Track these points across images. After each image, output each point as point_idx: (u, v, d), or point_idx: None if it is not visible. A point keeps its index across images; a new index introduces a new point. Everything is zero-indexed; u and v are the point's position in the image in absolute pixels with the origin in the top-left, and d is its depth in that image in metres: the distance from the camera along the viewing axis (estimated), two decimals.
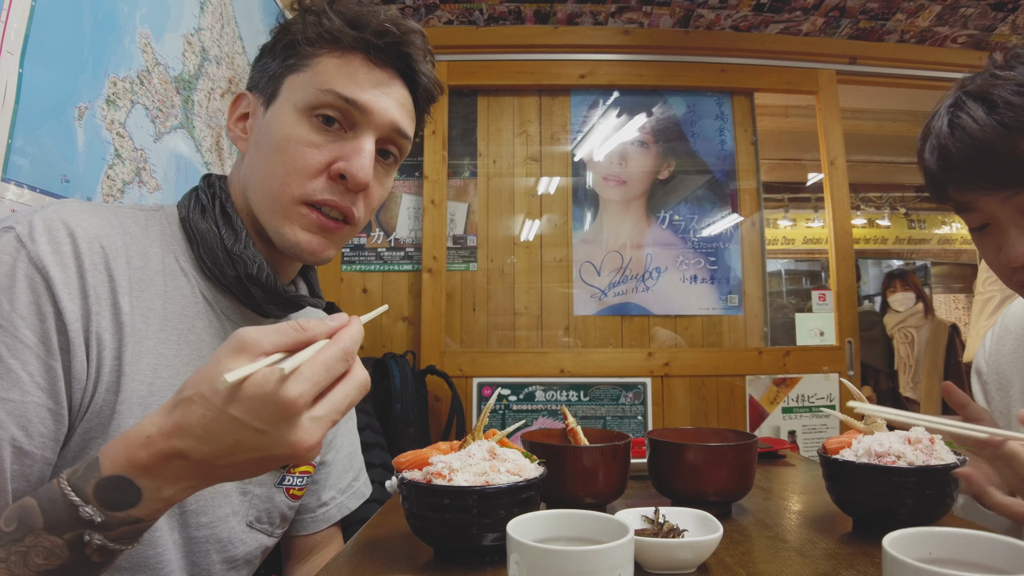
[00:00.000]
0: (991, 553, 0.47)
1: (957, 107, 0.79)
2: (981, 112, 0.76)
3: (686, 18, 2.48)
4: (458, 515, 0.62)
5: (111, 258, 0.65)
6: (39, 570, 0.49)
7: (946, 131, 0.79)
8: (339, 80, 0.71)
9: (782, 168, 4.61)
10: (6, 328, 0.57)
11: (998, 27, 2.48)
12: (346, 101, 0.71)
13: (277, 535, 0.82)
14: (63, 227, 0.62)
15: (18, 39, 0.93)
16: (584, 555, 0.48)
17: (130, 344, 0.64)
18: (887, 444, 0.73)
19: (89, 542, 0.49)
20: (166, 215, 0.75)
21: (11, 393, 0.56)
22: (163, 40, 1.31)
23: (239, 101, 0.78)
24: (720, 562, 0.65)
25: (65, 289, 0.60)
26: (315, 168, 0.71)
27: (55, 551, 0.49)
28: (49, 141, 0.99)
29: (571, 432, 0.90)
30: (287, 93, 0.72)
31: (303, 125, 0.71)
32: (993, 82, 0.77)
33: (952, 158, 0.78)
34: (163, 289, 0.69)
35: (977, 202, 0.79)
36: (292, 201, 0.71)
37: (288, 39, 0.74)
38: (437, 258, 2.42)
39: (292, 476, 0.81)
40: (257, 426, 0.47)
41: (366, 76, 0.72)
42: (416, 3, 2.36)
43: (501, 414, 2.31)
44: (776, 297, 4.89)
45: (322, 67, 0.72)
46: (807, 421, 2.42)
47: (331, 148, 0.71)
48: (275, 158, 0.71)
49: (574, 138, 2.59)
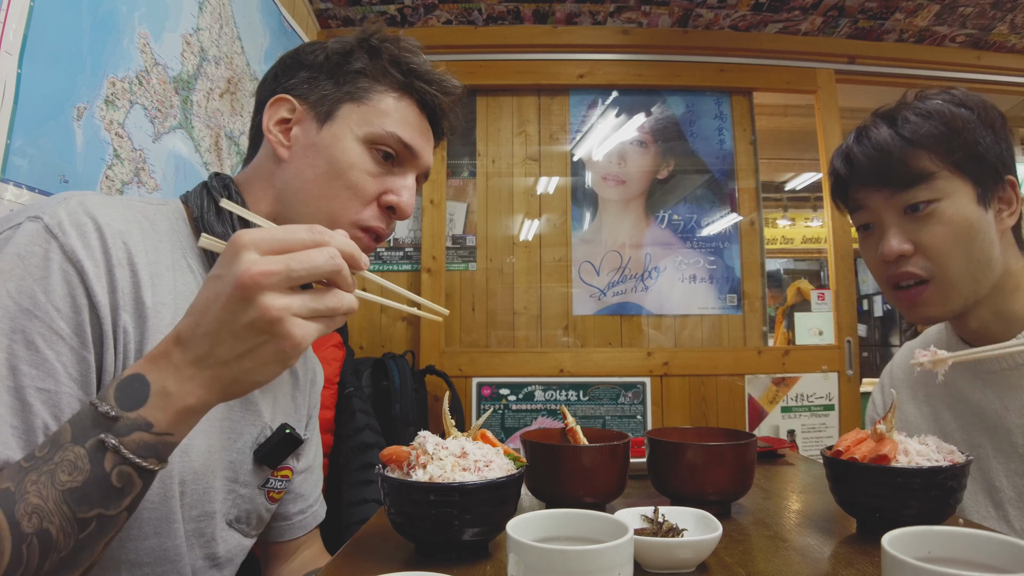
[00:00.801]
0: (991, 552, 0.47)
1: (866, 124, 0.94)
2: (884, 127, 0.91)
3: (685, 18, 2.48)
4: (437, 511, 0.62)
5: (133, 253, 0.66)
6: (64, 487, 0.49)
7: (852, 138, 0.95)
8: (400, 124, 0.79)
9: (781, 168, 4.61)
10: (42, 319, 0.57)
11: (996, 26, 2.48)
12: (405, 146, 0.80)
13: (252, 536, 0.83)
14: (90, 221, 0.63)
15: (17, 39, 0.93)
16: (583, 555, 0.48)
17: (150, 339, 0.65)
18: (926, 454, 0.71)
19: (107, 446, 0.50)
20: (172, 210, 0.76)
21: (46, 383, 0.57)
22: (162, 40, 1.31)
23: (279, 104, 0.79)
24: (719, 561, 0.65)
25: (98, 283, 0.61)
26: (371, 197, 0.78)
27: (78, 464, 0.50)
28: (48, 141, 0.99)
29: (570, 432, 0.90)
30: (346, 120, 0.78)
31: (366, 156, 0.78)
32: (899, 107, 0.92)
33: (855, 160, 0.92)
34: (172, 285, 0.70)
35: (867, 199, 0.93)
36: (348, 223, 0.77)
37: (352, 68, 0.79)
38: (436, 258, 2.42)
39: (274, 479, 0.82)
40: (216, 272, 0.51)
41: (417, 123, 0.82)
42: (415, 3, 2.36)
43: (501, 414, 2.32)
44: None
45: (384, 106, 0.79)
46: (806, 420, 2.42)
47: (384, 180, 0.79)
48: (336, 181, 0.76)
49: (573, 138, 2.59)
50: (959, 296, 0.89)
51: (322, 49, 0.81)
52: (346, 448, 1.72)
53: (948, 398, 0.98)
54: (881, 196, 0.90)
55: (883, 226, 0.91)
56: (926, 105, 0.89)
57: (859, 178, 0.92)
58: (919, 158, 0.87)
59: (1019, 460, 0.87)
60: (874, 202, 0.92)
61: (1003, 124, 0.89)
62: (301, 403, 0.91)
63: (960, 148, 0.86)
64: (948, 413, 0.98)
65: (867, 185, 0.92)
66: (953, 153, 0.86)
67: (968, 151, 0.86)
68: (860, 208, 0.95)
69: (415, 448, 0.67)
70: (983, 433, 0.92)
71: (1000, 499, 0.89)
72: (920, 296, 0.90)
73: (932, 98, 0.90)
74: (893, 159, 0.88)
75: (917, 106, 0.90)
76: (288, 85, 0.80)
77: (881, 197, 0.90)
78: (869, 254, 0.96)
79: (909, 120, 0.88)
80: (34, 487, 0.49)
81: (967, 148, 0.86)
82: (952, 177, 0.87)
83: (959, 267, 0.87)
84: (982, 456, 0.92)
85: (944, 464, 0.69)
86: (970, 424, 0.94)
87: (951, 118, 0.87)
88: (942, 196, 0.87)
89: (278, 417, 0.83)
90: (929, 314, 0.92)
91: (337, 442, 1.75)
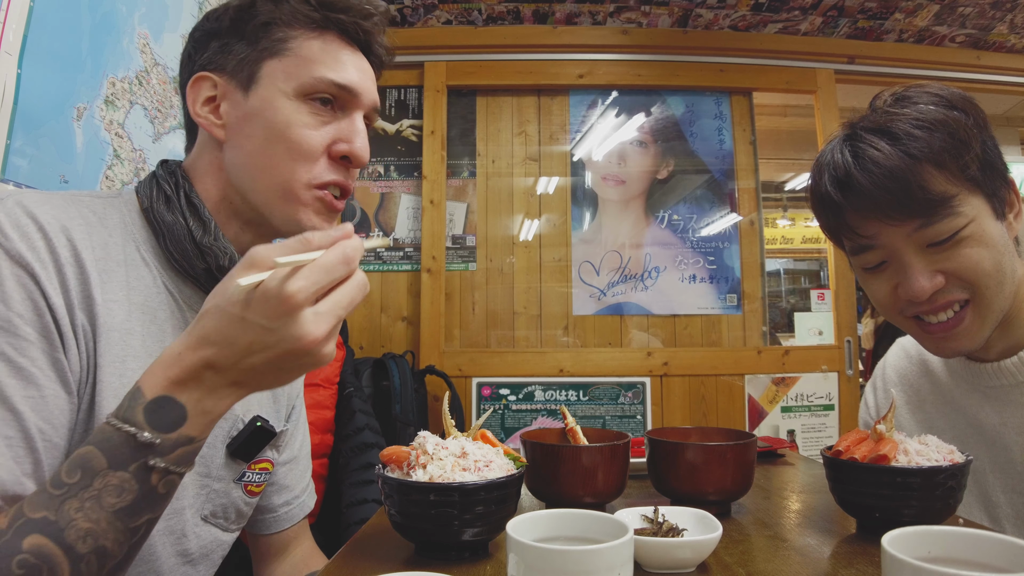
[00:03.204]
0: (990, 552, 0.47)
1: (855, 140, 0.80)
2: (885, 144, 0.76)
3: (684, 18, 2.48)
4: (437, 511, 0.62)
5: (79, 249, 0.64)
6: (113, 509, 0.51)
7: (850, 160, 0.78)
8: (329, 66, 0.73)
9: (781, 168, 4.61)
10: (7, 328, 0.57)
11: (996, 26, 2.49)
12: (341, 88, 0.73)
13: (233, 530, 0.82)
14: (31, 221, 0.61)
15: (16, 39, 0.93)
16: (583, 554, 0.48)
17: (102, 335, 0.64)
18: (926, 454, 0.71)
19: (154, 467, 0.52)
20: (124, 202, 0.73)
21: (29, 390, 0.57)
22: (162, 40, 1.31)
23: (200, 83, 0.74)
24: (719, 561, 0.65)
25: (50, 284, 0.60)
26: (318, 151, 0.73)
27: (125, 486, 0.52)
28: (48, 141, 0.99)
29: (570, 432, 0.90)
30: (270, 79, 0.72)
31: (301, 110, 0.72)
32: (889, 118, 0.78)
33: (859, 188, 0.77)
34: (125, 280, 0.68)
35: (879, 235, 0.79)
36: (304, 186, 0.72)
37: (259, 21, 0.72)
38: (436, 258, 2.42)
39: (252, 472, 0.81)
40: (264, 323, 0.52)
41: (349, 59, 0.75)
42: (415, 3, 2.36)
43: (501, 414, 2.32)
44: (775, 297, 4.90)
45: (305, 51, 0.72)
46: (806, 420, 2.42)
47: (328, 130, 0.73)
48: (277, 145, 0.71)
49: (573, 138, 2.59)
50: (995, 318, 0.80)
51: (225, 11, 0.74)
52: (346, 448, 1.72)
53: (943, 407, 0.96)
54: (900, 231, 0.77)
55: (903, 263, 0.78)
56: (921, 113, 0.77)
57: (864, 208, 0.78)
58: (937, 180, 0.75)
59: (1018, 477, 0.85)
60: (889, 238, 0.78)
61: (987, 118, 0.80)
62: (280, 394, 0.89)
63: (972, 160, 0.75)
64: (942, 421, 0.95)
65: (877, 218, 0.77)
66: (967, 168, 0.75)
67: (979, 162, 0.76)
68: (869, 247, 0.81)
69: (415, 448, 0.67)
70: (980, 446, 0.89)
71: (997, 515, 0.87)
72: (959, 325, 0.79)
73: (917, 103, 0.78)
74: (911, 186, 0.74)
75: (912, 115, 0.77)
76: (203, 61, 0.74)
77: (900, 232, 0.77)
78: (880, 288, 0.83)
79: (914, 135, 0.75)
80: (80, 513, 0.50)
81: (977, 159, 0.76)
82: (970, 196, 0.76)
83: (995, 285, 0.78)
84: (978, 469, 0.88)
85: (944, 464, 0.69)
86: (966, 435, 0.91)
87: (955, 126, 0.75)
88: (968, 221, 0.76)
89: (252, 410, 0.81)
90: (963, 345, 0.81)
91: (337, 442, 1.75)
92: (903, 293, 0.79)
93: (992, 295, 0.78)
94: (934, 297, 0.79)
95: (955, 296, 0.79)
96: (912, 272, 0.78)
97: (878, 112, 0.81)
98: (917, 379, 1.01)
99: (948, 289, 0.78)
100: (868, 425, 0.84)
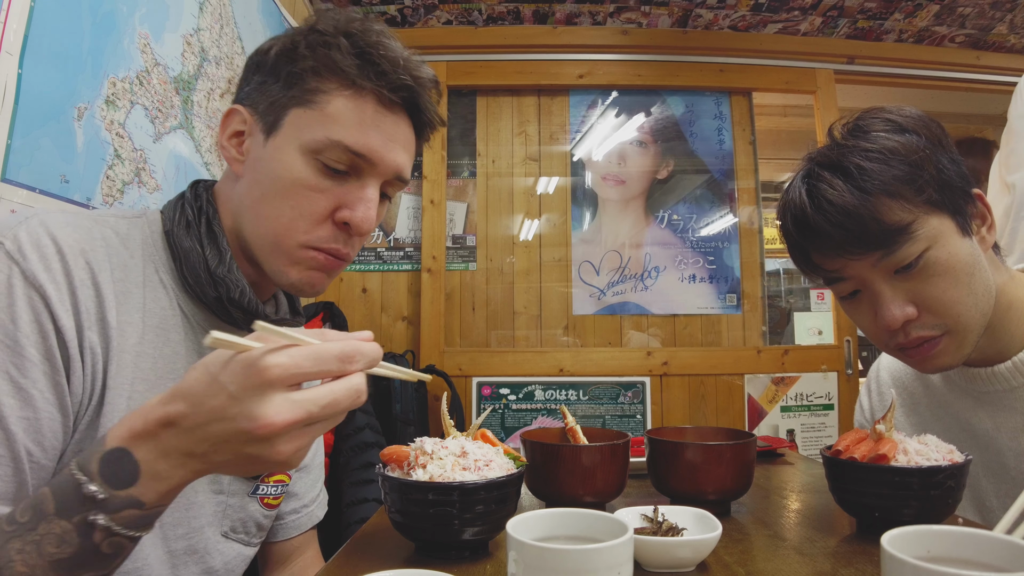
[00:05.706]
0: (990, 551, 0.47)
1: (811, 177, 0.81)
2: (839, 180, 0.77)
3: (684, 18, 2.48)
4: (437, 510, 0.63)
5: (96, 272, 0.64)
6: (52, 559, 0.48)
7: (806, 200, 0.80)
8: (351, 129, 0.68)
9: (781, 168, 4.61)
10: (12, 348, 0.57)
11: (996, 26, 2.49)
12: (354, 153, 0.69)
13: (255, 544, 0.82)
14: (51, 242, 0.61)
15: (17, 39, 0.93)
16: (583, 554, 0.48)
17: (114, 358, 0.64)
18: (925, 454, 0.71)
19: (95, 524, 0.48)
20: (148, 222, 0.73)
21: (25, 411, 0.57)
22: (162, 40, 1.31)
23: (232, 117, 0.73)
24: (719, 560, 0.65)
25: (61, 306, 0.60)
26: (321, 215, 0.70)
27: (66, 538, 0.48)
28: (48, 142, 0.99)
29: (570, 431, 0.90)
30: (291, 128, 0.69)
31: (309, 169, 0.68)
32: (841, 152, 0.79)
33: (816, 227, 0.79)
34: (142, 302, 0.68)
35: (846, 269, 0.80)
36: (298, 246, 0.70)
37: (297, 67, 0.69)
38: (436, 258, 2.42)
39: (266, 485, 0.81)
40: (231, 390, 0.46)
41: (377, 122, 0.70)
42: (415, 3, 2.36)
43: (501, 413, 2.32)
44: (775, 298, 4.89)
45: (332, 108, 0.68)
46: (806, 420, 2.42)
47: (336, 193, 0.70)
48: (280, 201, 0.69)
49: (573, 138, 2.59)
50: (974, 338, 0.81)
51: (271, 47, 0.72)
52: (346, 447, 1.73)
53: (937, 411, 0.96)
54: (863, 264, 0.79)
55: (873, 292, 0.80)
56: (873, 143, 0.77)
57: (828, 247, 0.80)
58: (892, 210, 0.76)
59: (1011, 482, 0.85)
60: (855, 270, 0.80)
61: (946, 134, 0.80)
62: None
63: (928, 183, 0.76)
64: (936, 425, 0.95)
65: (842, 253, 0.79)
66: (923, 191, 0.76)
67: (935, 183, 0.76)
68: (841, 279, 0.83)
69: (415, 448, 0.67)
70: (974, 451, 0.88)
71: (992, 520, 0.86)
72: (934, 349, 0.80)
73: (869, 131, 0.79)
74: (866, 220, 0.76)
75: (863, 147, 0.77)
76: (243, 94, 0.74)
77: (864, 265, 0.79)
78: (862, 319, 0.85)
79: (865, 168, 0.76)
80: (20, 556, 0.48)
81: (934, 181, 0.76)
82: (930, 217, 0.77)
83: (969, 311, 0.78)
84: (972, 473, 0.88)
85: (943, 463, 0.69)
86: (960, 440, 0.90)
87: (907, 152, 0.76)
88: (930, 243, 0.77)
89: None
90: (944, 364, 0.82)
91: (337, 442, 1.75)
92: (880, 322, 0.80)
93: (967, 320, 0.79)
94: (908, 330, 0.79)
95: (929, 333, 0.79)
96: (883, 300, 0.79)
97: (832, 146, 0.81)
98: (911, 382, 1.01)
99: (922, 323, 0.79)
100: (863, 427, 0.84)
